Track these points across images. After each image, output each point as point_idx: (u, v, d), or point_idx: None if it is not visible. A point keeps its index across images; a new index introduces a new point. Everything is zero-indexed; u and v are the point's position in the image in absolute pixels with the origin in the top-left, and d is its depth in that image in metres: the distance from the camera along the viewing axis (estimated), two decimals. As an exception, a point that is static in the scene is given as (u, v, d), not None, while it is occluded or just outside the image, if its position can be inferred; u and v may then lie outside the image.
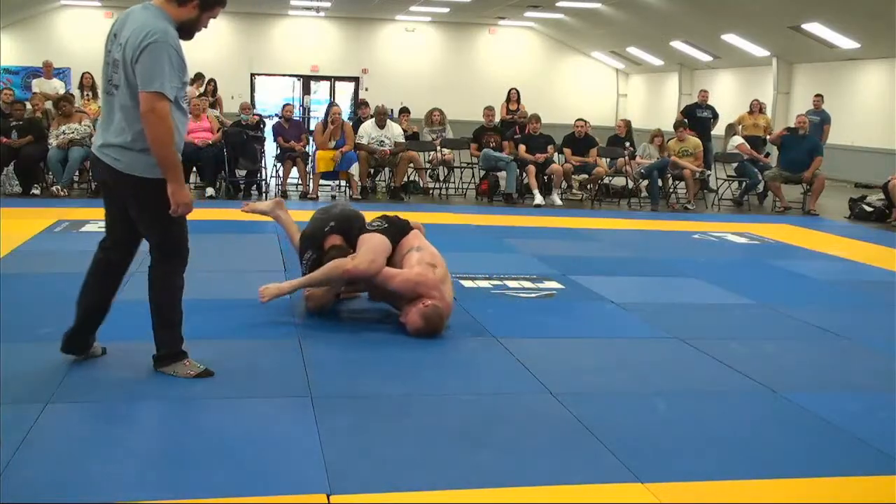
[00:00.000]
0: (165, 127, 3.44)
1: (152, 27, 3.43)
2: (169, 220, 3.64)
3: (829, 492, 2.95)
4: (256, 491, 2.72)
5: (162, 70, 3.40)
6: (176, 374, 3.79)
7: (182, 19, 3.57)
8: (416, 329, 4.54)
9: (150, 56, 3.39)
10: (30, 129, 9.96)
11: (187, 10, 3.57)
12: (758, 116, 12.88)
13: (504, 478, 2.91)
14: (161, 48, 3.40)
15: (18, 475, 2.75)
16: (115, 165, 3.56)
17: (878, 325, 5.27)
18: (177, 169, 3.53)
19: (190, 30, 3.64)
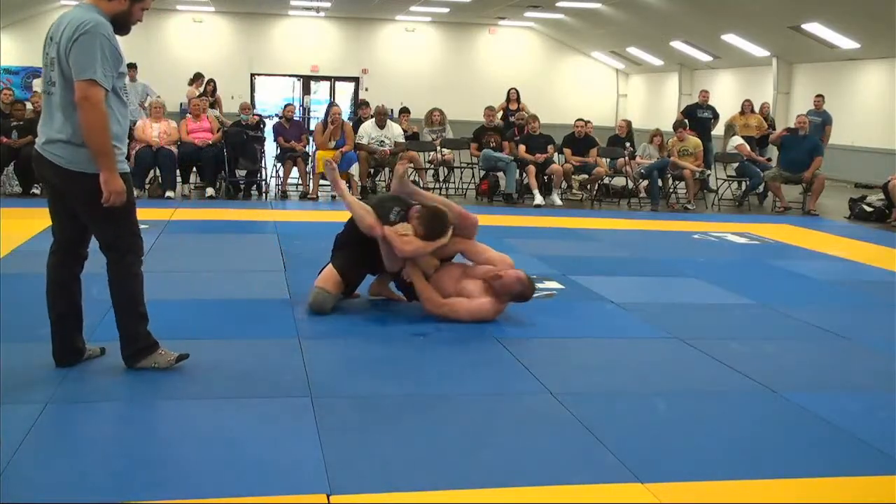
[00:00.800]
0: (99, 113, 3.43)
1: (83, 19, 3.45)
2: (118, 215, 3.60)
3: (829, 492, 2.95)
4: (256, 491, 2.72)
5: (94, 58, 3.41)
6: (157, 365, 3.78)
7: (114, 12, 3.58)
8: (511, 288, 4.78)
9: (82, 46, 3.41)
10: (30, 129, 9.94)
11: (118, 2, 3.58)
12: (749, 117, 12.86)
13: (504, 478, 2.91)
14: (93, 38, 3.41)
15: (18, 475, 2.75)
16: (59, 162, 3.54)
17: (878, 325, 5.27)
18: (109, 156, 3.48)
19: (124, 23, 3.64)
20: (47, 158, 3.57)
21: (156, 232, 7.42)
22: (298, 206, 10.07)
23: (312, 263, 6.38)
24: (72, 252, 3.78)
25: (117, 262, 3.72)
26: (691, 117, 12.85)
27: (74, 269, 3.81)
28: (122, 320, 3.78)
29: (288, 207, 9.98)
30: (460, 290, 4.88)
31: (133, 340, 3.78)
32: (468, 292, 4.86)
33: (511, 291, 4.85)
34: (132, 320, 3.77)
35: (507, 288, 4.85)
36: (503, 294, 4.85)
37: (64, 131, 3.52)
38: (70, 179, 3.56)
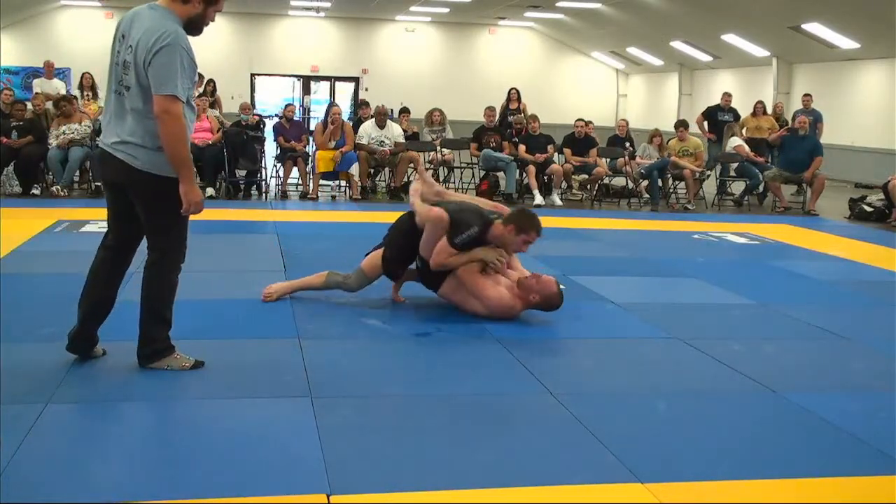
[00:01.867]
0: (179, 127, 3.52)
1: (163, 29, 3.48)
2: (174, 220, 3.69)
3: (829, 492, 2.95)
4: (256, 491, 2.72)
5: (174, 73, 3.46)
6: (171, 367, 3.81)
7: (189, 16, 3.62)
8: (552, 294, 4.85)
9: (163, 60, 3.45)
10: (30, 129, 9.96)
11: (192, 6, 3.61)
12: (761, 118, 12.82)
13: (504, 478, 2.91)
14: (173, 51, 3.46)
15: (18, 475, 2.75)
16: (132, 163, 3.60)
17: (878, 325, 5.27)
18: (190, 168, 3.62)
19: (198, 25, 3.69)
20: (117, 157, 3.63)
21: (156, 232, 7.42)
22: (298, 206, 10.08)
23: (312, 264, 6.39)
24: (123, 250, 3.87)
25: (159, 264, 3.78)
26: (711, 119, 12.82)
27: (122, 266, 3.90)
28: (145, 320, 3.81)
29: (288, 207, 9.98)
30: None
31: (151, 342, 3.82)
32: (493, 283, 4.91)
33: (549, 291, 4.87)
34: (155, 323, 3.81)
35: (545, 287, 4.88)
36: (537, 292, 4.86)
37: (136, 134, 3.58)
38: (139, 180, 3.62)
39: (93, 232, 7.41)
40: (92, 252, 3.88)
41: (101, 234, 3.95)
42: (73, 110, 10.32)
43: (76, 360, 3.89)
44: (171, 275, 3.82)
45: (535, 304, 4.94)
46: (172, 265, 3.82)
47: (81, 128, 10.06)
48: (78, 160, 9.92)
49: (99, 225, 7.71)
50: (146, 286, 3.79)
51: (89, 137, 10.10)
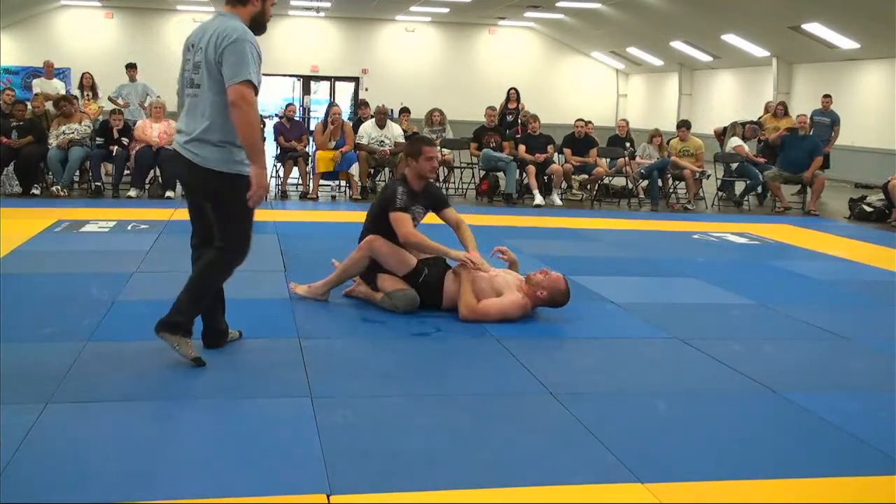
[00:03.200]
0: (253, 112, 3.68)
1: (230, 28, 3.71)
2: (242, 215, 3.82)
3: (829, 492, 2.95)
4: (256, 491, 2.72)
5: (247, 62, 3.65)
6: (178, 347, 3.83)
7: (251, 15, 3.85)
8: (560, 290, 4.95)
9: (234, 52, 3.65)
10: (30, 129, 9.96)
11: (252, 5, 3.86)
12: (781, 119, 12.72)
13: (504, 478, 2.91)
14: (242, 44, 3.66)
15: (18, 475, 2.75)
16: (195, 160, 3.75)
17: (878, 325, 5.27)
18: (262, 153, 3.76)
19: (261, 23, 3.91)
20: (184, 156, 3.79)
21: (156, 232, 7.43)
22: (298, 206, 10.07)
23: (312, 264, 6.39)
24: (209, 244, 3.95)
25: (222, 254, 3.90)
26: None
27: None
28: (186, 295, 3.88)
29: (288, 207, 9.98)
30: (495, 285, 4.95)
31: (177, 313, 3.86)
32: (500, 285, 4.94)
33: (557, 287, 4.95)
34: (190, 296, 3.89)
35: (554, 283, 4.95)
36: (545, 288, 4.92)
37: (203, 130, 3.74)
38: (202, 176, 3.77)
39: (93, 232, 7.42)
40: (92, 252, 3.89)
41: (101, 233, 3.95)
42: (74, 110, 10.32)
43: (77, 359, 3.89)
44: (230, 265, 3.95)
45: (542, 301, 4.96)
46: (234, 258, 3.93)
47: (81, 128, 10.06)
48: (78, 160, 9.92)
49: (98, 225, 7.72)
50: (201, 268, 3.93)
51: (89, 137, 10.10)
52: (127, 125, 10.49)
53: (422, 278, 5.01)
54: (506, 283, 5.00)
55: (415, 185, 5.20)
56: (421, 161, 5.16)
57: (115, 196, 9.98)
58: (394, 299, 4.98)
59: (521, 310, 4.93)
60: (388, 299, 5.01)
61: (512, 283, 5.02)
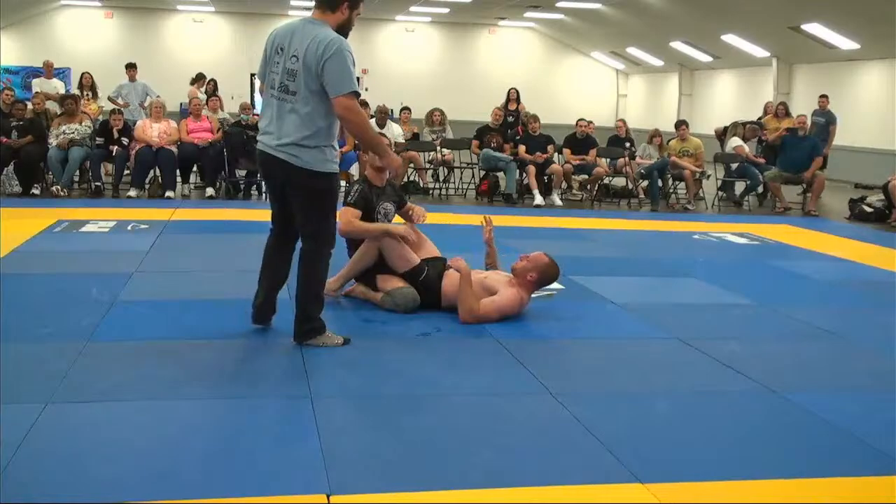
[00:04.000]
0: (362, 117, 4.16)
1: (328, 38, 3.97)
2: (327, 209, 4.20)
3: (829, 492, 2.95)
4: (256, 491, 2.72)
5: (349, 73, 3.97)
6: (325, 344, 4.23)
7: (339, 23, 4.11)
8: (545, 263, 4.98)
9: (337, 64, 3.94)
10: (30, 129, 9.96)
11: (341, 13, 4.12)
12: (783, 120, 12.71)
13: (504, 478, 2.91)
14: (343, 56, 3.95)
15: (18, 475, 2.75)
16: (291, 161, 4.04)
17: (878, 325, 5.27)
18: (381, 144, 4.46)
19: (345, 31, 4.16)
20: (279, 157, 4.07)
21: (156, 232, 7.43)
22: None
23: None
24: (285, 238, 4.41)
25: (315, 249, 4.23)
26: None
27: (287, 251, 4.45)
28: (302, 300, 4.26)
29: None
30: (486, 285, 4.96)
31: (307, 320, 4.25)
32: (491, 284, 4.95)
33: (541, 262, 4.95)
34: (312, 301, 4.27)
35: (536, 260, 4.96)
36: (532, 270, 4.93)
37: (298, 134, 4.03)
38: (297, 175, 4.07)
39: (93, 232, 7.42)
40: (92, 252, 3.89)
41: (100, 233, 3.96)
42: (77, 109, 10.31)
43: (77, 359, 3.89)
44: (325, 258, 4.30)
45: (535, 282, 4.97)
46: (327, 251, 4.28)
47: (82, 128, 10.06)
48: (78, 160, 9.92)
49: (98, 225, 7.72)
50: (303, 269, 4.25)
51: (89, 138, 10.10)
52: (127, 125, 10.49)
53: (422, 277, 5.02)
54: (496, 281, 5.01)
55: (376, 181, 5.22)
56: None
57: (115, 196, 9.98)
58: (394, 297, 4.98)
59: (518, 303, 4.92)
60: (389, 298, 5.01)
61: (502, 280, 5.03)
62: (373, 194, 5.16)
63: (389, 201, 5.28)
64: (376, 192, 5.19)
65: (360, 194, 5.10)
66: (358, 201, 5.08)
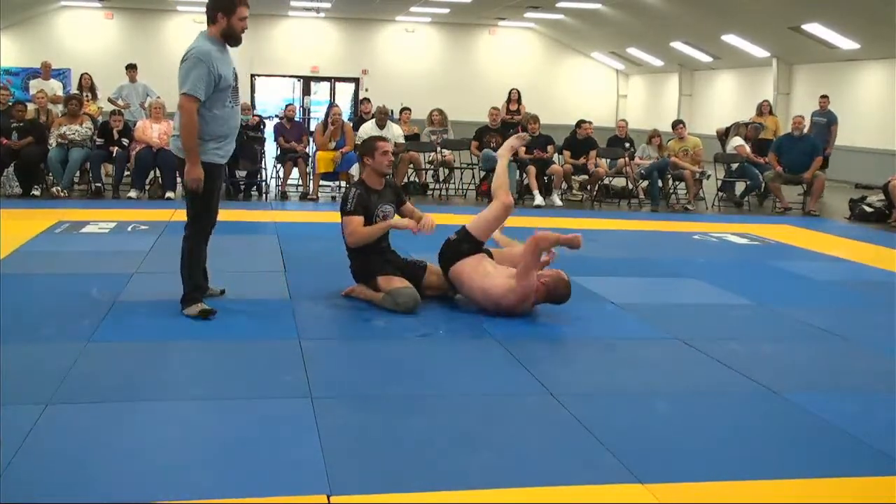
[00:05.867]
0: (186, 120, 4.52)
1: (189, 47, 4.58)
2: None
3: (829, 492, 2.95)
4: (256, 491, 2.72)
5: (193, 76, 4.51)
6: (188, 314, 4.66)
7: (221, 31, 4.65)
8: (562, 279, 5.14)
9: (183, 67, 4.53)
10: (30, 130, 9.95)
11: (218, 22, 4.64)
12: (766, 118, 12.77)
13: (504, 478, 2.91)
14: (192, 60, 4.53)
15: (18, 475, 2.76)
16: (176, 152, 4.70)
17: (878, 326, 5.27)
18: (194, 150, 4.56)
19: (232, 36, 4.72)
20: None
21: (156, 233, 7.43)
22: (298, 207, 10.08)
23: (312, 264, 6.40)
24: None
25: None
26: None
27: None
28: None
29: (288, 208, 9.98)
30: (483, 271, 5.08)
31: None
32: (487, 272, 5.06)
33: (560, 277, 5.12)
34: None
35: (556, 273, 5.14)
36: (549, 276, 5.10)
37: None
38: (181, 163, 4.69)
39: (93, 233, 7.42)
40: (92, 253, 3.89)
41: (101, 234, 3.96)
42: (79, 111, 10.31)
43: (77, 359, 3.89)
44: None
45: (544, 288, 5.03)
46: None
47: (82, 129, 10.06)
48: (78, 161, 9.92)
49: (99, 226, 7.72)
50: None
51: (89, 139, 10.10)
52: (127, 126, 10.49)
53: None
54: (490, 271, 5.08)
55: (375, 184, 5.24)
56: (377, 157, 5.21)
57: (116, 197, 9.98)
58: (395, 297, 4.98)
59: (531, 290, 4.97)
60: (389, 298, 5.01)
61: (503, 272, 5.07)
62: (370, 197, 5.16)
63: (388, 203, 5.29)
64: (374, 195, 5.19)
65: (357, 200, 5.11)
66: (357, 209, 5.10)
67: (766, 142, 12.12)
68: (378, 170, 5.24)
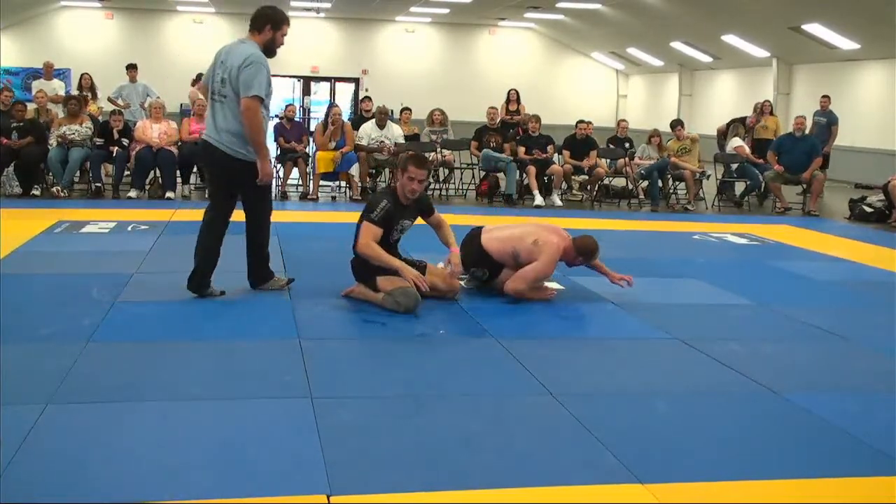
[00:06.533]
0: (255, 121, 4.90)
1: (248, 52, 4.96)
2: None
3: (829, 492, 2.95)
4: (256, 491, 2.72)
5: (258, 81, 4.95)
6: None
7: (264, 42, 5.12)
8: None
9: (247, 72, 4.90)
10: (30, 129, 9.95)
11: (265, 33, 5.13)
12: (766, 118, 12.78)
13: (504, 478, 2.91)
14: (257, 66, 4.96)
15: (18, 475, 2.76)
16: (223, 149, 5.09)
17: (878, 325, 5.27)
18: (265, 149, 5.06)
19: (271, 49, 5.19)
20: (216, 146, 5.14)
21: (156, 232, 7.43)
22: (299, 207, 10.08)
23: (312, 264, 6.40)
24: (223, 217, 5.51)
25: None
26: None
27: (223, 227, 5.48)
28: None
29: (288, 208, 9.98)
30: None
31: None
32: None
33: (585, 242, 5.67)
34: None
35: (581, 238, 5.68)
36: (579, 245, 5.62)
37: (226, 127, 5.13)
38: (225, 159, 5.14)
39: (93, 233, 7.42)
40: (92, 252, 3.89)
41: (101, 234, 3.96)
42: (80, 111, 10.30)
43: (77, 359, 3.89)
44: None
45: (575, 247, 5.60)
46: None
47: (83, 129, 10.06)
48: (78, 161, 9.91)
49: (99, 226, 7.72)
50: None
51: (89, 139, 10.10)
52: (127, 126, 10.49)
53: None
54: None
55: (404, 199, 5.21)
56: (404, 180, 5.18)
57: (116, 197, 9.98)
58: (395, 297, 4.98)
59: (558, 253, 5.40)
60: (389, 298, 5.00)
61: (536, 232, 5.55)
62: (396, 212, 5.14)
63: (409, 217, 5.30)
64: (400, 209, 5.17)
65: (384, 214, 5.07)
66: (381, 221, 5.05)
67: (766, 142, 12.13)
68: (401, 192, 5.21)
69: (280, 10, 5.22)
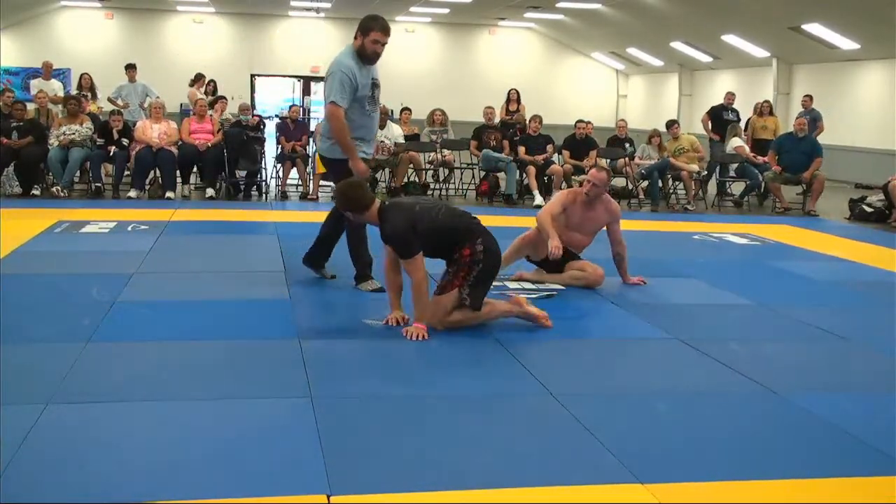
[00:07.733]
0: (337, 124, 5.20)
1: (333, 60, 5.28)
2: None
3: (829, 492, 2.95)
4: (256, 491, 2.72)
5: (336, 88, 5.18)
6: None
7: (357, 48, 5.23)
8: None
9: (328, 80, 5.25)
10: (30, 129, 9.96)
11: (357, 39, 5.24)
12: (766, 119, 12.81)
13: (504, 478, 2.91)
14: (333, 74, 5.22)
15: (18, 475, 2.76)
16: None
17: (878, 326, 5.27)
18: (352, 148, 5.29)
19: (363, 55, 5.26)
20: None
21: (156, 232, 7.43)
22: (298, 207, 10.08)
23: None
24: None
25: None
26: (717, 119, 12.86)
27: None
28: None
29: (288, 208, 9.99)
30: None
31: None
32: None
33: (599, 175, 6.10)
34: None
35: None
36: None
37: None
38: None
39: (93, 233, 7.42)
40: (92, 252, 3.90)
41: (101, 234, 3.97)
42: (80, 110, 10.31)
43: (77, 359, 3.89)
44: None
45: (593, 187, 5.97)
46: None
47: (83, 129, 10.06)
48: (78, 161, 9.91)
49: (99, 226, 7.72)
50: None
51: (89, 139, 10.10)
52: (127, 126, 10.49)
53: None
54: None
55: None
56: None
57: (115, 197, 9.98)
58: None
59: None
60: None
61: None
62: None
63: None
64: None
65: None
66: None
67: (766, 142, 12.14)
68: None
69: (377, 17, 5.30)
